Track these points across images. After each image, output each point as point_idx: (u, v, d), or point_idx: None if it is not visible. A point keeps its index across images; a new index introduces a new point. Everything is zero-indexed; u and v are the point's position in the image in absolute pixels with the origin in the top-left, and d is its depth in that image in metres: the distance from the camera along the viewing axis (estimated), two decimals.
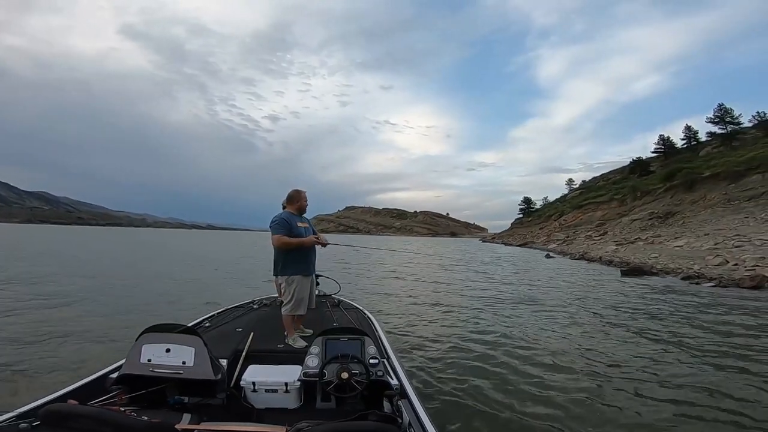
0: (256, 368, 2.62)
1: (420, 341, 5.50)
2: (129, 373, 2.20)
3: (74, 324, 6.07)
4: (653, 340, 5.67)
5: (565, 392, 3.78)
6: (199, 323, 3.70)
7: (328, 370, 2.34)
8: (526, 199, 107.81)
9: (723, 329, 6.23)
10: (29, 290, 8.86)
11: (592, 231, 45.65)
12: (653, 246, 23.95)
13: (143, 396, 2.17)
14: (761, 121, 50.73)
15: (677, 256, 17.63)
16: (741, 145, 48.10)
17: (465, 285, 12.47)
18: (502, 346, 5.28)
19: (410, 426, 1.80)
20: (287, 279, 3.39)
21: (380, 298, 9.48)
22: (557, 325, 6.74)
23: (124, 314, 6.85)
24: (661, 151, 71.04)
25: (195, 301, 8.10)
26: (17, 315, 6.58)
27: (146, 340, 2.26)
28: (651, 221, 38.12)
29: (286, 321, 3.32)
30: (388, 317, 6.96)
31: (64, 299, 7.99)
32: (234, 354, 2.85)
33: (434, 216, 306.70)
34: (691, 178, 38.13)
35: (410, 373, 3.48)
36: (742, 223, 23.60)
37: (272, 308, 4.29)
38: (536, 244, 49.51)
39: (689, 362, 4.70)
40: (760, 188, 29.09)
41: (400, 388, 2.34)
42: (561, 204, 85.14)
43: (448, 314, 7.55)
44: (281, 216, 3.44)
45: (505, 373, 4.27)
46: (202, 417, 1.96)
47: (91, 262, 17.08)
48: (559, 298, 9.63)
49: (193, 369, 2.20)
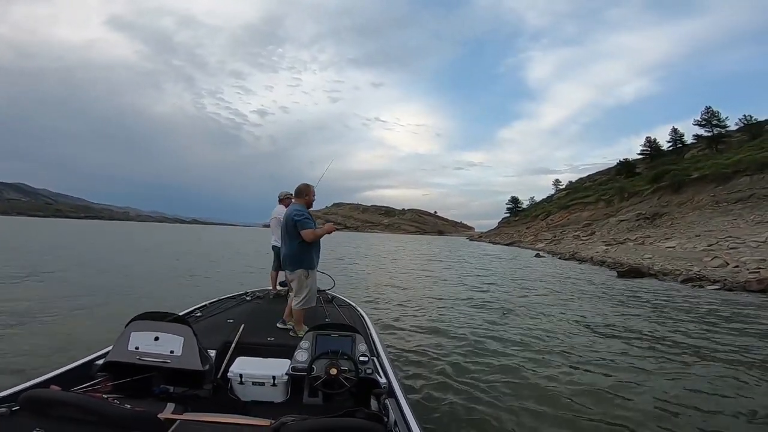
0: (245, 360, 2.57)
1: (410, 340, 5.34)
2: (115, 360, 2.15)
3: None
4: (676, 352, 4.75)
5: (557, 395, 3.63)
6: (191, 312, 3.65)
7: (317, 365, 2.30)
8: (513, 199, 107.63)
9: (753, 342, 5.35)
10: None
11: (580, 231, 45.55)
12: (644, 246, 23.51)
13: (128, 384, 2.14)
14: (747, 124, 51.35)
15: (671, 257, 17.04)
16: (727, 148, 48.62)
17: (456, 284, 11.78)
18: (493, 348, 5.09)
19: (396, 425, 1.77)
20: (309, 272, 3.39)
21: (371, 296, 9.02)
22: (552, 328, 6.20)
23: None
24: (647, 154, 71.79)
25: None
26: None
27: (135, 328, 2.22)
28: (638, 222, 38.07)
29: (300, 314, 3.36)
30: (379, 315, 6.74)
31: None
32: (223, 345, 2.79)
33: (422, 214, 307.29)
34: (679, 180, 38.13)
35: (399, 371, 3.40)
36: (732, 225, 23.35)
37: (265, 301, 4.34)
38: (523, 243, 49.20)
39: (721, 378, 3.80)
40: (748, 190, 29.06)
41: (388, 386, 2.28)
42: (548, 204, 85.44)
43: (439, 313, 7.23)
44: (303, 209, 3.43)
45: (495, 374, 4.12)
46: (186, 407, 1.92)
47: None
48: (553, 300, 8.90)
49: (180, 359, 2.16)
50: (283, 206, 4.79)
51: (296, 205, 3.49)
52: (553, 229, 57.27)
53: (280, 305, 3.94)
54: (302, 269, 3.36)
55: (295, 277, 3.39)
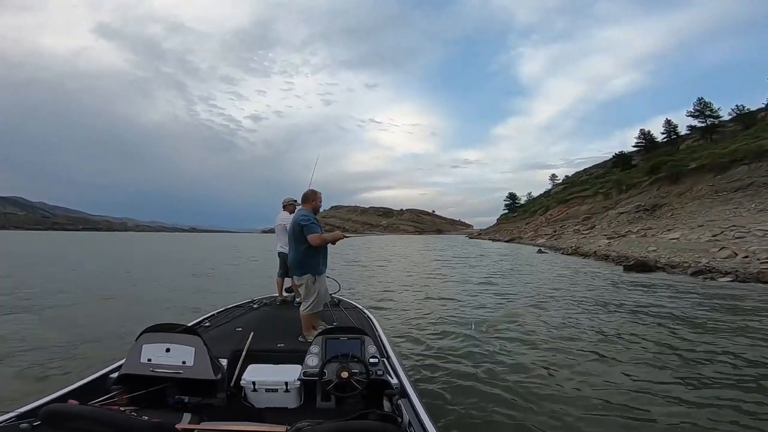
0: (256, 368, 2.57)
1: (420, 341, 5.30)
2: (129, 373, 2.18)
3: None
4: (700, 355, 4.54)
5: (572, 395, 3.56)
6: (199, 323, 3.68)
7: (328, 369, 2.31)
8: (511, 195, 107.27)
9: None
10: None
11: (580, 225, 45.49)
12: (646, 239, 23.42)
13: (143, 396, 2.14)
14: (740, 113, 51.51)
15: (677, 249, 16.93)
16: (721, 138, 48.76)
17: (463, 282, 11.65)
18: (504, 347, 5.01)
19: (410, 425, 1.78)
20: (316, 278, 3.40)
21: (378, 297, 8.99)
22: (561, 326, 6.11)
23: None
24: (642, 146, 71.98)
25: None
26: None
27: (146, 340, 2.23)
28: (638, 214, 38.02)
29: (307, 320, 3.36)
30: (387, 316, 6.70)
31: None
32: (234, 354, 2.76)
33: (420, 214, 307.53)
34: (677, 171, 38.13)
35: (410, 372, 3.38)
36: (734, 214, 23.29)
37: (272, 308, 4.34)
38: (524, 239, 49.11)
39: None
40: (747, 179, 29.06)
41: (399, 387, 2.30)
42: (546, 199, 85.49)
43: (448, 313, 7.10)
44: (309, 214, 3.45)
45: (508, 374, 4.07)
46: (203, 417, 1.92)
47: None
48: (561, 297, 8.75)
49: (193, 369, 2.17)
50: (287, 212, 4.87)
51: (303, 210, 3.54)
52: (552, 223, 57.18)
53: (288, 312, 4.05)
54: (309, 275, 3.37)
55: (302, 282, 3.41)
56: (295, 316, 3.57)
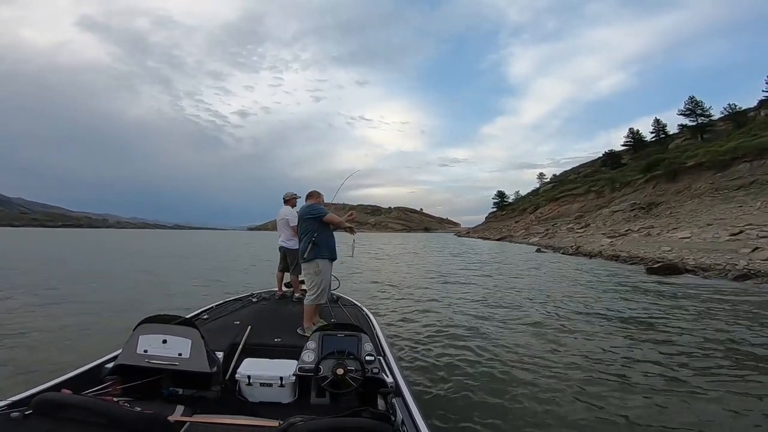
0: (252, 362, 2.58)
1: (417, 340, 5.15)
2: (125, 364, 2.17)
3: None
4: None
5: (568, 393, 3.41)
6: (198, 315, 3.68)
7: (324, 365, 2.30)
8: (499, 193, 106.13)
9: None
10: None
11: (573, 223, 44.43)
12: (652, 238, 22.05)
13: (138, 387, 2.14)
14: (732, 113, 51.24)
15: (694, 248, 15.41)
16: (713, 137, 48.37)
17: (460, 283, 10.46)
18: (503, 347, 4.82)
19: (403, 424, 1.79)
20: (323, 263, 3.43)
21: (376, 295, 8.68)
22: (575, 332, 5.58)
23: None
24: (630, 145, 71.98)
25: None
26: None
27: (143, 331, 2.23)
28: (633, 212, 37.04)
29: (310, 311, 3.36)
30: (385, 314, 6.59)
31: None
32: (230, 347, 2.79)
33: (408, 212, 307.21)
34: (674, 168, 37.27)
35: (406, 370, 3.39)
36: (743, 212, 22.11)
37: (271, 302, 4.38)
38: (515, 237, 47.78)
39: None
40: (749, 177, 28.13)
41: (395, 385, 2.28)
42: (535, 197, 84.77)
43: (445, 313, 6.84)
44: (317, 204, 3.63)
45: (508, 376, 3.86)
46: (196, 409, 1.92)
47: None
48: (569, 299, 8.00)
49: (189, 361, 2.16)
50: (289, 207, 4.84)
51: (309, 202, 3.69)
52: (543, 222, 56.20)
53: (286, 306, 4.15)
54: (318, 259, 3.40)
55: (309, 270, 3.44)
56: (294, 311, 3.74)
